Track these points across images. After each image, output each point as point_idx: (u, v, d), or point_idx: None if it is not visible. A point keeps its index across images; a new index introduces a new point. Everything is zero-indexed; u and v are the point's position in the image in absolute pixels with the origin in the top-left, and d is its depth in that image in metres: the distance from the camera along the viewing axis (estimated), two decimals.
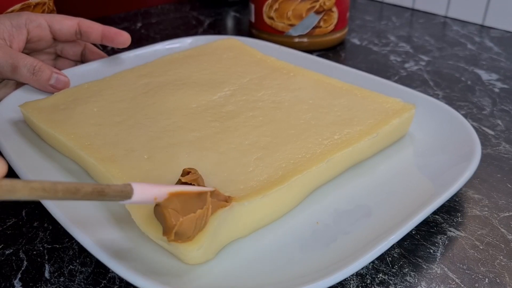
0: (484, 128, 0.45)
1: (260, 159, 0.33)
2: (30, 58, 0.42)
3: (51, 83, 0.43)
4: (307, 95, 0.41)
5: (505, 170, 0.39)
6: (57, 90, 0.44)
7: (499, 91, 0.52)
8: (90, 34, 0.47)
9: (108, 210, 0.31)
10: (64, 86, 0.44)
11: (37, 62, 0.43)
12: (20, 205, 0.35)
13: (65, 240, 0.32)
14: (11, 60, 0.42)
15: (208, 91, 0.42)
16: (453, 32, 0.71)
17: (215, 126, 0.37)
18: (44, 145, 0.38)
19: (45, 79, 0.43)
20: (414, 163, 0.37)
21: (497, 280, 0.28)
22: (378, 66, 0.60)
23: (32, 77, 0.42)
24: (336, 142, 0.34)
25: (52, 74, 0.43)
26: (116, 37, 0.48)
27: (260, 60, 0.49)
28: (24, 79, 0.43)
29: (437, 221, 0.33)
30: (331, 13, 0.62)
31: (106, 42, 0.48)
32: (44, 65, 0.43)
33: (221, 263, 0.28)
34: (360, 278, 0.29)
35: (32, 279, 0.29)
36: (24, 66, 0.42)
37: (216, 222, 0.27)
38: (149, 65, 0.48)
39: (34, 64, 0.42)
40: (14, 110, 0.41)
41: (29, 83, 0.43)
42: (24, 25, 0.44)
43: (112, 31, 0.48)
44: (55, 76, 0.44)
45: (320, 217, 0.32)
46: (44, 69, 0.43)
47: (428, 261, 0.30)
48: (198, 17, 0.81)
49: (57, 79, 0.44)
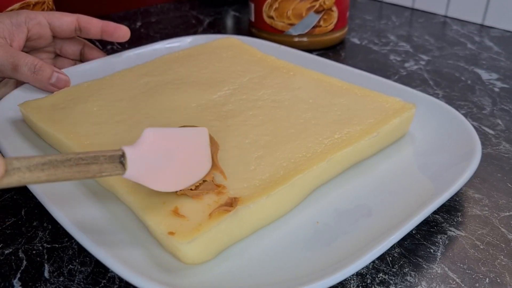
0: (484, 128, 0.45)
1: (260, 158, 0.33)
2: (30, 57, 0.42)
3: (52, 82, 0.43)
4: (307, 94, 0.41)
5: (505, 169, 0.38)
6: (57, 89, 0.44)
7: (499, 91, 0.52)
8: (90, 30, 0.47)
9: (109, 210, 0.31)
10: (64, 85, 0.44)
11: (37, 61, 0.43)
12: (19, 204, 0.35)
13: (65, 240, 0.32)
14: (11, 59, 0.41)
15: (208, 90, 0.42)
16: (453, 31, 0.71)
17: (215, 125, 0.37)
18: (44, 145, 0.38)
19: (45, 78, 0.43)
20: (414, 163, 0.37)
21: (497, 280, 0.28)
22: (378, 65, 0.60)
23: (33, 76, 0.42)
24: (337, 142, 0.34)
25: (53, 73, 0.43)
26: (115, 31, 0.48)
27: (260, 59, 0.49)
28: (25, 78, 0.42)
29: (438, 220, 0.33)
30: (331, 13, 0.62)
31: (105, 37, 0.48)
32: (45, 64, 0.43)
33: (221, 263, 0.28)
34: (360, 278, 0.29)
35: (32, 278, 0.29)
36: (25, 65, 0.42)
37: (219, 226, 0.27)
38: (149, 64, 0.48)
39: (34, 63, 0.42)
40: (14, 109, 0.41)
41: (30, 82, 0.43)
42: (24, 23, 0.44)
43: (111, 26, 0.48)
44: (56, 75, 0.43)
45: (320, 216, 0.31)
46: (44, 68, 0.43)
47: (428, 260, 0.30)
48: (198, 16, 0.81)
49: (58, 78, 0.44)
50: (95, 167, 0.24)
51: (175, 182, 0.28)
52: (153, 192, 0.29)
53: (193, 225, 0.27)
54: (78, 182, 0.34)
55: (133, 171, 0.25)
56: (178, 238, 0.26)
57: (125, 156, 0.25)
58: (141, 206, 0.29)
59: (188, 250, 0.26)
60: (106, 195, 0.33)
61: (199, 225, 0.27)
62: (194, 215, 0.28)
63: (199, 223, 0.27)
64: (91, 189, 0.33)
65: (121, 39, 0.48)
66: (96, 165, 0.24)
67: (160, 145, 0.27)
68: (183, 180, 0.29)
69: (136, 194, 0.29)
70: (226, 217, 0.27)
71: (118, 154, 0.25)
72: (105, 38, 0.48)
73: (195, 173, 0.29)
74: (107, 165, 0.24)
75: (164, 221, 0.27)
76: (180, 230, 0.26)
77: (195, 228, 0.27)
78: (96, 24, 0.47)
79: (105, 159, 0.24)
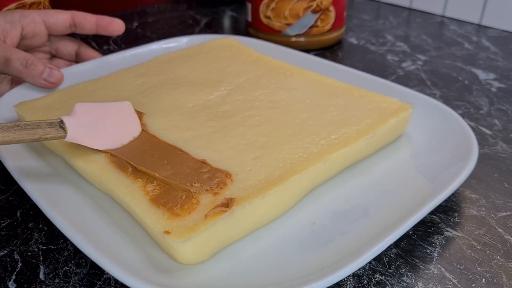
0: (481, 128, 0.45)
1: (257, 159, 0.33)
2: (23, 52, 0.42)
3: (44, 77, 0.42)
4: (304, 95, 0.41)
5: (502, 169, 0.38)
6: (50, 85, 0.43)
7: (496, 91, 0.52)
8: (84, 25, 0.47)
9: (104, 212, 0.31)
10: (57, 80, 0.43)
11: (30, 56, 0.42)
12: (15, 206, 0.35)
13: (60, 241, 0.32)
14: (3, 54, 0.41)
15: (205, 91, 0.42)
16: (450, 31, 0.71)
17: (212, 125, 0.37)
18: (39, 146, 0.38)
19: (38, 73, 0.42)
20: (411, 163, 0.37)
21: (494, 280, 0.28)
22: (375, 65, 0.60)
23: (25, 70, 0.42)
24: (333, 142, 0.34)
25: (45, 68, 0.43)
26: (109, 25, 0.48)
27: (257, 60, 0.49)
28: (17, 72, 0.42)
29: (434, 221, 0.33)
30: (328, 13, 0.62)
31: (100, 31, 0.48)
32: (37, 59, 0.42)
33: (216, 264, 0.28)
34: (356, 279, 0.28)
35: (27, 280, 0.29)
36: (17, 59, 0.41)
37: (215, 226, 0.27)
38: (145, 64, 0.48)
39: (27, 57, 0.42)
40: (9, 110, 0.41)
41: (22, 76, 0.42)
42: (18, 20, 0.44)
43: (105, 20, 0.48)
44: (48, 70, 0.43)
45: (317, 217, 0.31)
46: (37, 63, 0.42)
47: (425, 261, 0.30)
48: (194, 16, 0.81)
49: (50, 73, 0.43)
50: (40, 130, 0.30)
51: (109, 141, 0.34)
52: (151, 193, 0.29)
53: (189, 224, 0.27)
54: (74, 184, 0.34)
55: (73, 134, 0.32)
56: (173, 237, 0.26)
57: (64, 122, 0.32)
58: (139, 206, 0.29)
59: (183, 250, 0.26)
60: (102, 197, 0.33)
61: (195, 225, 0.27)
62: (191, 215, 0.27)
63: (195, 223, 0.27)
64: (87, 191, 0.33)
65: (116, 33, 0.48)
66: (41, 129, 0.30)
67: (90, 114, 0.34)
68: (116, 140, 0.34)
69: (133, 194, 0.29)
70: (222, 217, 0.27)
71: (58, 121, 0.32)
72: (100, 33, 0.48)
73: (125, 134, 0.35)
74: (50, 129, 0.31)
75: (160, 220, 0.27)
76: (176, 230, 0.26)
77: (190, 227, 0.27)
78: (91, 19, 0.48)
79: (47, 125, 0.31)
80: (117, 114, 0.36)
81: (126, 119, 0.36)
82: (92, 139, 0.33)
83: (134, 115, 0.37)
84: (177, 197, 0.29)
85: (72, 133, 0.31)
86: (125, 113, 0.36)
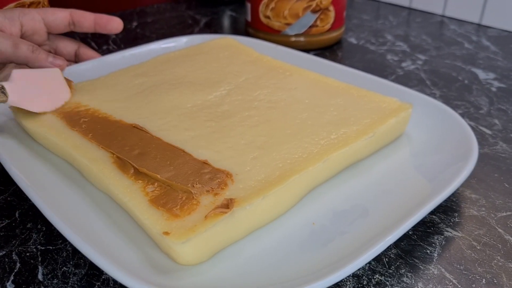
0: (481, 128, 0.45)
1: (256, 159, 0.32)
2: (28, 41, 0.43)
3: (50, 61, 0.44)
4: (303, 95, 0.41)
5: (502, 169, 0.38)
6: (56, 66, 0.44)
7: (496, 90, 0.52)
8: (83, 23, 0.48)
9: (103, 212, 0.31)
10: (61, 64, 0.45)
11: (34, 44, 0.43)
12: (13, 206, 0.35)
13: (59, 242, 0.31)
14: (11, 39, 0.42)
15: (204, 91, 0.42)
16: (450, 31, 0.71)
17: (211, 125, 0.37)
18: (36, 145, 0.38)
19: (44, 57, 0.44)
20: (411, 163, 0.37)
21: (494, 281, 0.28)
22: (375, 65, 0.59)
23: (32, 55, 0.43)
24: (333, 142, 0.34)
25: (48, 55, 0.44)
26: (108, 23, 0.48)
27: (256, 60, 0.49)
28: (25, 57, 0.43)
29: (434, 221, 0.33)
30: (328, 12, 0.61)
31: (98, 30, 0.48)
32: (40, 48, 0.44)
33: (216, 265, 0.28)
34: (356, 279, 0.28)
35: (25, 281, 0.29)
36: (24, 44, 0.43)
37: (214, 227, 0.27)
38: (144, 64, 0.48)
39: (32, 44, 0.43)
40: (5, 110, 0.41)
41: (29, 61, 0.43)
42: (18, 17, 0.45)
43: (104, 18, 0.48)
44: (52, 56, 0.44)
45: (316, 217, 0.31)
46: (41, 50, 0.44)
47: (425, 261, 0.30)
48: (194, 16, 0.81)
49: (54, 57, 0.44)
50: None
51: (44, 104, 0.38)
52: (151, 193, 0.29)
53: (188, 225, 0.27)
54: (73, 185, 0.34)
55: (14, 98, 0.36)
56: (172, 238, 0.26)
57: (4, 87, 0.35)
58: (138, 207, 0.28)
59: (183, 251, 0.26)
60: (101, 198, 0.32)
61: (194, 226, 0.27)
62: (190, 216, 0.27)
63: (195, 224, 0.27)
64: (86, 191, 0.33)
65: (114, 31, 0.49)
66: None
67: (27, 80, 0.38)
68: (52, 103, 0.38)
69: (133, 195, 0.29)
70: (222, 218, 0.27)
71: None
72: (99, 31, 0.48)
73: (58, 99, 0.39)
74: None
75: (159, 221, 0.27)
76: (175, 231, 0.26)
77: (190, 228, 0.26)
78: (89, 17, 0.48)
79: None
80: (49, 79, 0.40)
81: (57, 84, 0.40)
82: (31, 103, 0.37)
83: (64, 82, 0.41)
84: (177, 198, 0.29)
85: (13, 97, 0.36)
86: (56, 79, 0.40)
